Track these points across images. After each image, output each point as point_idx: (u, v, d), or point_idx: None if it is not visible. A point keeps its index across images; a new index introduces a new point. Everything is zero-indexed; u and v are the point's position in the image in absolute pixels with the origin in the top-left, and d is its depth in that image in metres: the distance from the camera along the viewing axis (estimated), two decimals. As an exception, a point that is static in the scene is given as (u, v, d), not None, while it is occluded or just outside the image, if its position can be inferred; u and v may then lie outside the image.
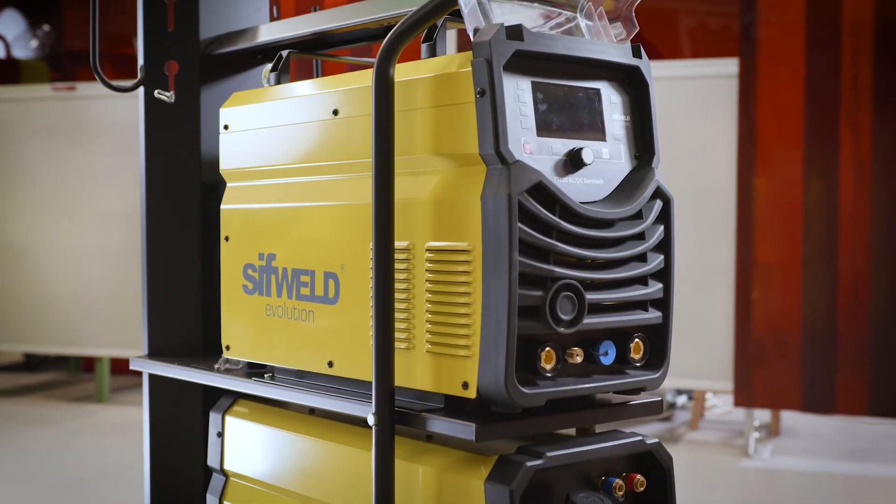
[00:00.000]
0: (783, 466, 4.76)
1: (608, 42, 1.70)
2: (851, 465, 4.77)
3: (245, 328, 2.03)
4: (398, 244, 1.64)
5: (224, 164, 2.09)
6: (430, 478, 1.64)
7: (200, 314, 2.32)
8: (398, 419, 1.62)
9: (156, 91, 2.30)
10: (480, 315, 1.53)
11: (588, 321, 1.58)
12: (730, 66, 5.08)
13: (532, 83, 1.59)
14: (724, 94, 5.09)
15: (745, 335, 5.02)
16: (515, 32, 1.55)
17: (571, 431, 1.74)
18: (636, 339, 1.66)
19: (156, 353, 2.36)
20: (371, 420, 1.61)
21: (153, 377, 2.35)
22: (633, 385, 1.66)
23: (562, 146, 1.60)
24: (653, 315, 1.68)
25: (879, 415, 4.88)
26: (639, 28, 1.75)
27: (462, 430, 1.54)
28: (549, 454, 1.55)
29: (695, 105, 5.15)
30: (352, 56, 2.42)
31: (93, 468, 4.67)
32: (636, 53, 1.70)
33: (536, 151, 1.57)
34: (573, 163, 1.60)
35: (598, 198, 1.64)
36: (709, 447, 5.15)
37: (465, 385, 1.56)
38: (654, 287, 1.67)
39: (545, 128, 1.59)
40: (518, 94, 1.57)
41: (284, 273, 1.93)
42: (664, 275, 1.69)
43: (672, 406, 5.98)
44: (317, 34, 2.09)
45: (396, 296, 1.63)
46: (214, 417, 2.13)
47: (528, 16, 1.71)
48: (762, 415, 5.47)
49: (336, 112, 1.82)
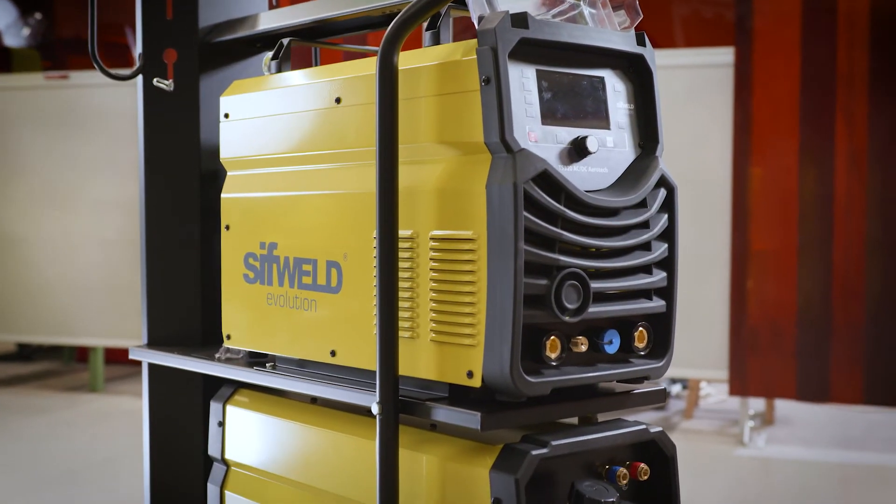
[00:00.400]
0: (778, 455, 4.77)
1: (612, 30, 1.69)
2: (846, 454, 4.79)
3: (246, 317, 2.02)
4: (402, 233, 1.64)
5: (224, 153, 2.08)
6: (435, 467, 1.64)
7: (200, 303, 2.32)
8: (402, 408, 1.62)
9: (155, 79, 2.29)
10: (485, 304, 1.52)
11: (592, 310, 1.58)
12: (725, 56, 5.08)
13: (537, 71, 1.59)
14: (720, 84, 5.08)
15: (740, 324, 5.02)
16: (520, 20, 1.54)
17: (573, 421, 1.74)
18: (640, 328, 1.66)
19: (155, 343, 2.35)
20: (375, 409, 1.60)
21: (153, 366, 2.34)
22: (637, 374, 1.66)
23: (566, 134, 1.60)
24: (657, 304, 1.68)
25: (874, 403, 4.90)
26: (642, 16, 1.75)
27: (467, 419, 1.54)
28: (555, 443, 1.55)
29: (690, 94, 5.15)
30: (346, 44, 2.41)
31: (88, 458, 4.66)
32: (640, 41, 1.70)
33: (541, 140, 1.56)
34: (578, 151, 1.60)
35: (603, 186, 1.63)
36: (704, 436, 5.17)
37: (470, 374, 1.56)
38: (659, 276, 1.67)
39: (550, 116, 1.59)
40: (523, 83, 1.56)
41: (286, 262, 1.92)
42: (668, 263, 1.69)
43: (667, 395, 5.99)
44: (317, 22, 2.08)
45: (400, 285, 1.63)
46: (215, 407, 2.12)
47: (532, 3, 1.70)
48: (756, 403, 5.48)
49: (339, 100, 1.81)
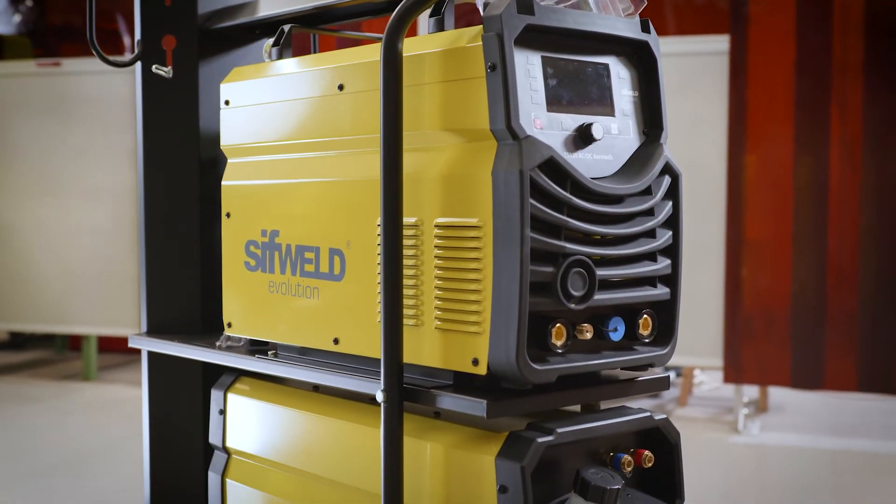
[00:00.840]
0: (773, 442, 4.79)
1: (616, 17, 1.69)
2: (842, 441, 4.81)
3: (247, 305, 2.02)
4: (406, 220, 1.63)
5: (225, 140, 2.07)
6: (439, 454, 1.64)
7: (199, 291, 2.31)
8: (407, 396, 1.62)
9: (153, 66, 2.28)
10: (491, 291, 1.52)
11: (598, 297, 1.58)
12: (720, 44, 5.07)
13: (542, 58, 1.58)
14: (715, 71, 5.08)
15: (735, 312, 5.03)
16: (526, 6, 1.54)
17: (575, 408, 1.74)
18: (645, 316, 1.66)
19: (154, 331, 2.34)
20: (380, 397, 1.60)
21: (152, 355, 2.34)
22: (642, 361, 1.66)
23: (571, 121, 1.59)
24: (661, 291, 1.68)
25: (867, 390, 4.91)
26: (647, 3, 1.74)
27: (473, 407, 1.54)
28: (560, 430, 1.55)
29: (685, 82, 5.14)
30: (347, 31, 2.39)
31: (83, 446, 4.65)
32: (644, 28, 1.69)
33: (547, 127, 1.56)
34: (583, 138, 1.59)
35: (607, 173, 1.63)
36: (698, 423, 5.18)
37: (476, 362, 1.56)
38: (663, 263, 1.67)
39: (555, 103, 1.58)
40: (528, 69, 1.56)
41: (288, 249, 1.91)
42: (672, 251, 1.69)
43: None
44: (318, 8, 2.07)
45: (405, 272, 1.62)
46: (216, 395, 2.12)
47: (536, -10, 1.69)
48: (750, 391, 5.49)
49: (341, 87, 1.80)
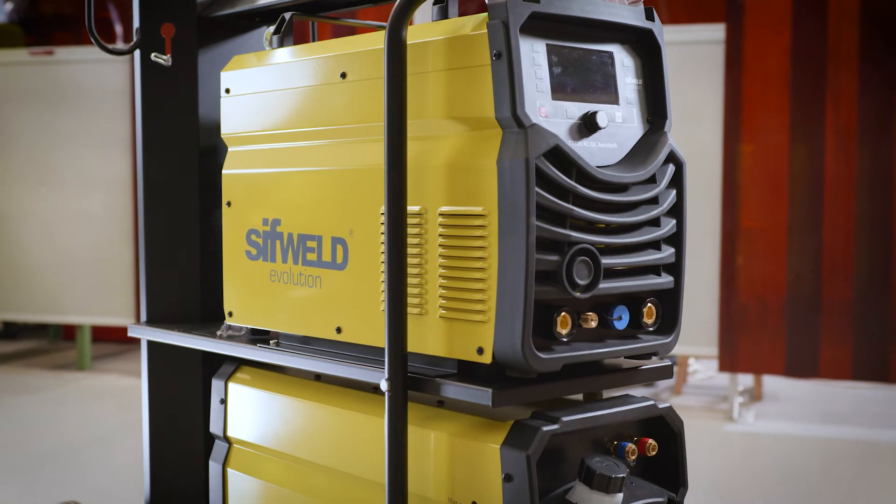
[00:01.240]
0: (768, 430, 4.80)
1: (620, 5, 1.68)
2: (837, 429, 4.82)
3: (248, 294, 2.01)
4: (410, 209, 1.63)
5: (225, 129, 2.06)
6: (444, 443, 1.63)
7: (199, 280, 2.30)
8: (411, 384, 1.62)
9: (153, 54, 2.26)
10: (496, 280, 1.52)
11: (602, 286, 1.58)
12: (716, 32, 5.07)
13: (547, 46, 1.57)
14: (711, 60, 5.08)
15: (730, 301, 5.04)
16: (531, -6, 1.53)
17: (577, 397, 1.74)
18: (649, 304, 1.66)
19: (153, 320, 2.33)
20: (384, 385, 1.60)
21: (151, 344, 2.33)
22: (646, 350, 1.66)
23: (576, 110, 1.59)
24: (665, 280, 1.68)
25: (862, 379, 4.93)
26: (650, -10, 1.73)
27: (478, 396, 1.54)
28: (565, 419, 1.55)
29: (681, 71, 5.13)
30: (348, 19, 2.38)
31: (78, 436, 4.65)
32: (649, 16, 1.69)
33: (551, 115, 1.56)
34: (587, 126, 1.59)
35: (612, 162, 1.63)
36: (693, 412, 5.19)
37: (480, 350, 1.56)
38: (667, 252, 1.67)
39: (560, 91, 1.58)
40: (533, 57, 1.55)
41: (290, 238, 1.91)
42: (676, 239, 1.69)
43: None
44: (319, -4, 2.06)
45: (409, 261, 1.62)
46: (217, 384, 2.11)
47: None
48: (744, 379, 5.51)
49: (344, 75, 1.79)
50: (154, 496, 2.34)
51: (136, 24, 2.30)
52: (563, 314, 1.55)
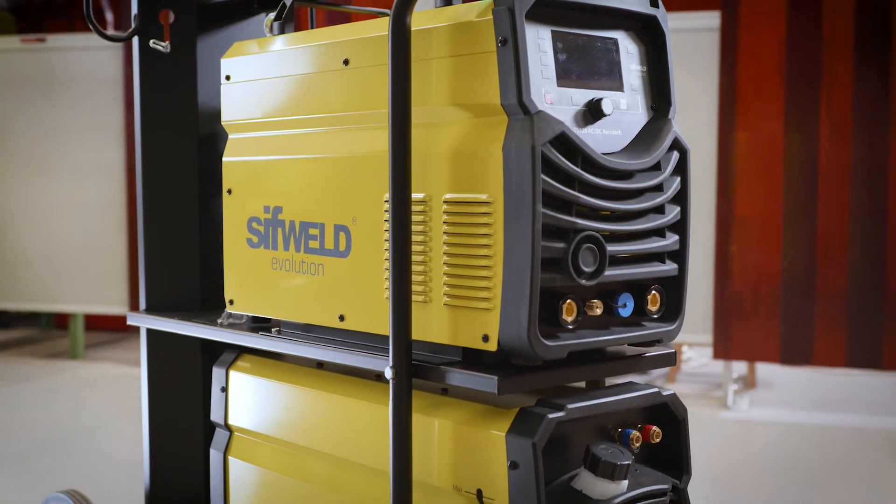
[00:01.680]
0: (763, 417, 4.82)
1: (625, -9, 1.68)
2: (830, 417, 4.84)
3: (250, 282, 2.01)
4: (414, 196, 1.62)
5: (226, 116, 2.05)
6: (448, 431, 1.63)
7: (198, 268, 2.29)
8: (416, 372, 1.61)
9: (151, 41, 2.25)
10: (501, 267, 1.51)
11: (608, 273, 1.57)
12: (711, 20, 5.06)
13: (552, 32, 1.57)
14: (706, 48, 5.07)
15: (725, 288, 5.05)
16: (537, -20, 1.52)
17: (579, 385, 1.74)
18: (653, 292, 1.66)
19: (153, 309, 2.32)
20: (389, 373, 1.59)
21: (150, 333, 2.32)
22: (651, 337, 1.66)
23: (581, 96, 1.58)
24: (669, 267, 1.68)
25: (856, 366, 4.94)
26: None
27: (484, 383, 1.54)
28: (570, 406, 1.55)
29: (676, 59, 5.11)
30: (349, 5, 2.37)
31: (73, 425, 4.64)
32: (653, 3, 1.68)
33: (557, 102, 1.55)
34: (592, 113, 1.58)
35: (616, 149, 1.62)
36: (687, 399, 5.20)
37: (486, 338, 1.55)
38: (672, 239, 1.67)
39: (565, 78, 1.57)
40: (539, 44, 1.55)
41: (292, 226, 1.90)
42: (680, 227, 1.69)
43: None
44: (320, -18, 2.05)
45: (413, 248, 1.62)
46: (218, 372, 2.11)
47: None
48: (738, 367, 5.52)
49: (347, 62, 1.78)
50: (154, 485, 2.34)
51: (135, 11, 2.28)
52: (569, 301, 1.54)
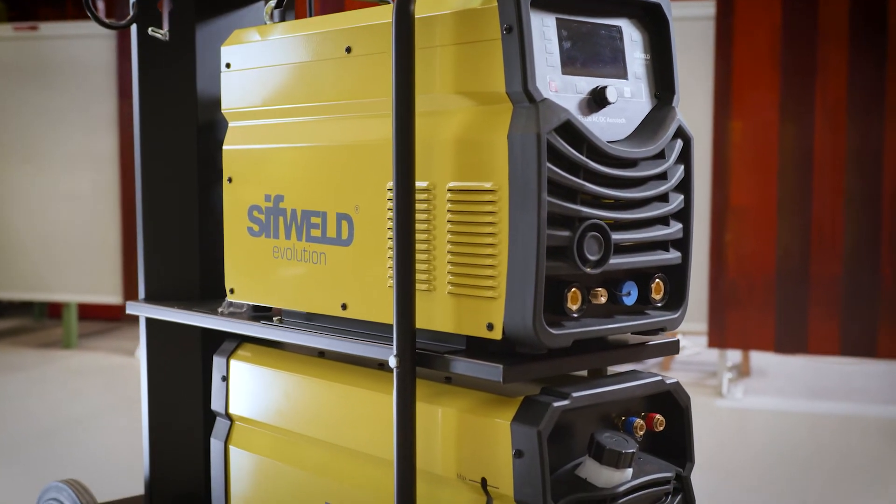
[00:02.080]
0: (758, 406, 4.83)
1: (628, -22, 1.67)
2: (825, 405, 4.86)
3: (250, 271, 2.00)
4: (418, 184, 1.62)
5: (226, 104, 2.04)
6: (453, 419, 1.63)
7: (198, 257, 2.28)
8: (420, 361, 1.61)
9: (149, 28, 2.24)
10: (506, 256, 1.51)
11: (612, 261, 1.57)
12: (707, 8, 5.06)
13: (557, 20, 1.56)
14: (701, 37, 5.07)
15: (719, 277, 5.06)
16: (542, -33, 1.52)
17: (582, 373, 1.74)
18: (657, 280, 1.66)
19: (152, 298, 2.32)
20: (393, 362, 1.59)
21: (149, 322, 2.31)
22: (655, 325, 1.66)
23: (585, 84, 1.58)
24: (673, 255, 1.68)
25: (850, 355, 4.96)
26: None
27: (489, 372, 1.53)
28: (575, 395, 1.55)
29: (671, 47, 5.12)
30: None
31: (67, 415, 4.63)
32: (656, -10, 1.68)
33: (561, 90, 1.55)
34: (597, 101, 1.58)
35: (620, 137, 1.62)
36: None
37: (490, 326, 1.55)
38: (675, 227, 1.67)
39: (570, 65, 1.57)
40: (543, 31, 1.54)
41: (293, 214, 1.89)
42: (684, 215, 1.69)
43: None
44: (320, -30, 2.04)
45: (417, 237, 1.61)
46: (219, 361, 2.10)
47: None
48: (732, 355, 5.53)
49: (349, 50, 1.78)
50: (154, 474, 2.33)
51: (133, -2, 2.27)
52: (574, 290, 1.54)
